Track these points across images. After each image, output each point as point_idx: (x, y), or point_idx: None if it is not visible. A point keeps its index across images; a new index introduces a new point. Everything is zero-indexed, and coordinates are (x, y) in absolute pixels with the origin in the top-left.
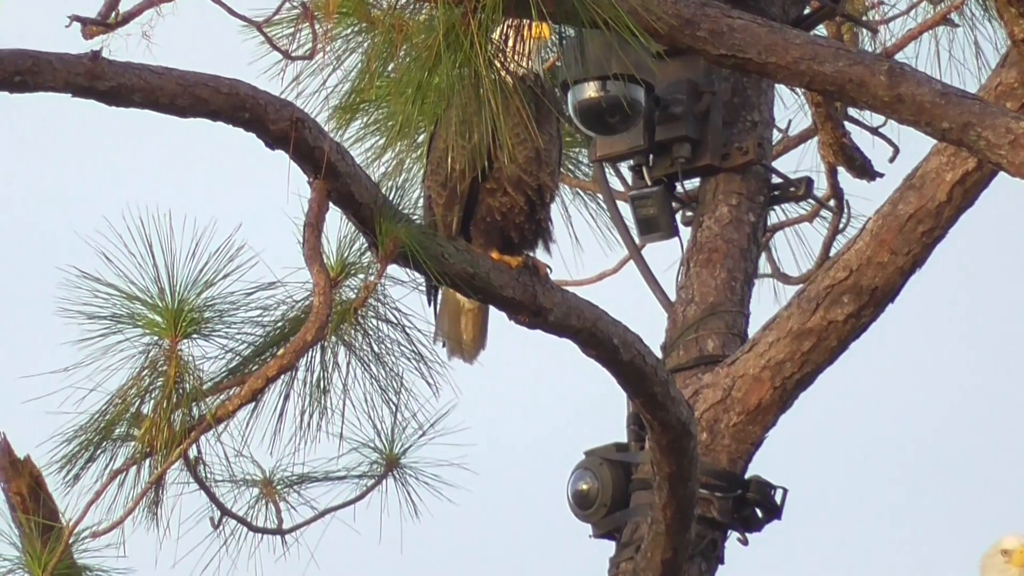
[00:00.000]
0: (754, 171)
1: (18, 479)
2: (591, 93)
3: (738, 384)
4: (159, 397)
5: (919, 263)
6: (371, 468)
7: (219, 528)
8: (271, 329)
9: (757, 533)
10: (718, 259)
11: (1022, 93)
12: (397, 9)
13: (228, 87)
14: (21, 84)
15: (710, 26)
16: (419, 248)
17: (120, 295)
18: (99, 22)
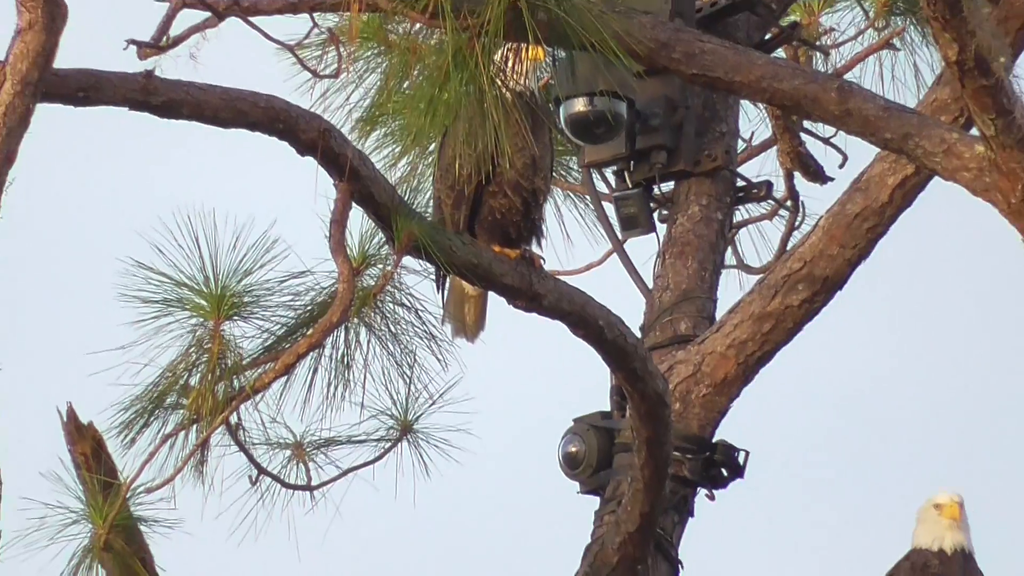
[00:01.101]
0: (722, 175)
1: (82, 442)
2: (580, 107)
3: (707, 360)
4: (204, 371)
5: (864, 255)
6: (388, 433)
7: (256, 485)
8: (301, 312)
9: (723, 490)
10: (690, 252)
11: (955, 108)
12: (411, 34)
13: (265, 102)
14: (85, 99)
15: (684, 49)
16: (430, 242)
17: (171, 282)
18: (152, 45)
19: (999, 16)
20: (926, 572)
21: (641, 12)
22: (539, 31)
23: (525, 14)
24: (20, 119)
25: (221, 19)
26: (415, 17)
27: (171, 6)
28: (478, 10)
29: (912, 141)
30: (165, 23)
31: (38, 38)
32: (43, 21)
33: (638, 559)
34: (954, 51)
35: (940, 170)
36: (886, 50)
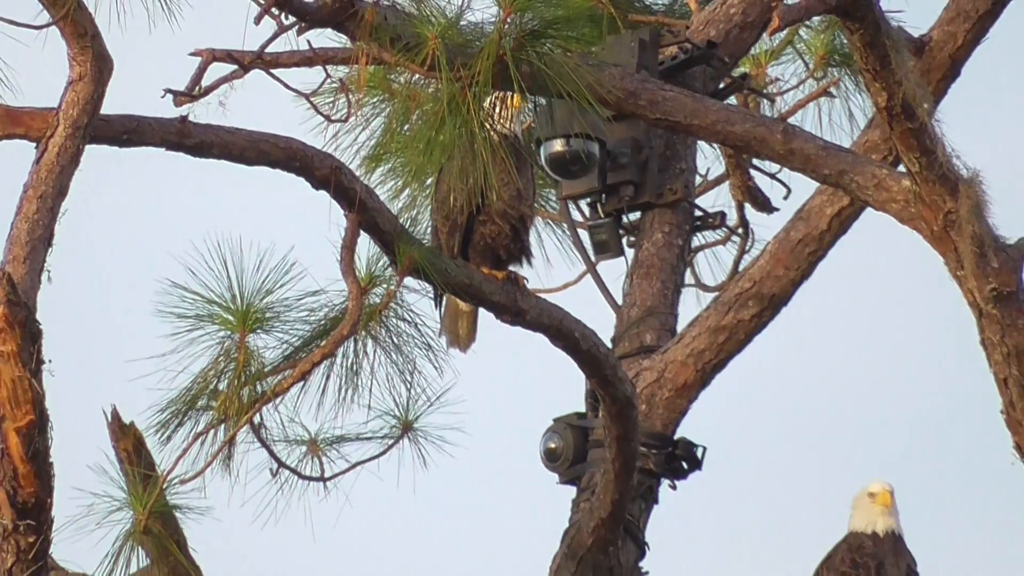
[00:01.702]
0: (681, 206)
1: (125, 439)
2: (558, 147)
3: (669, 368)
4: (231, 377)
5: (806, 276)
6: (391, 431)
7: (276, 476)
8: (316, 326)
9: (683, 481)
10: (654, 273)
11: (884, 148)
12: (412, 84)
13: (284, 142)
14: (128, 140)
15: (648, 97)
16: (428, 265)
17: (202, 300)
18: (186, 94)
19: (922, 68)
20: (861, 553)
21: (611, 65)
22: (523, 81)
23: (511, 67)
24: (71, 158)
25: (246, 71)
26: (415, 69)
27: (203, 60)
28: (469, 63)
29: (847, 176)
30: (197, 75)
31: (87, 88)
32: (92, 73)
33: (610, 542)
34: (883, 98)
35: (872, 202)
36: (824, 97)
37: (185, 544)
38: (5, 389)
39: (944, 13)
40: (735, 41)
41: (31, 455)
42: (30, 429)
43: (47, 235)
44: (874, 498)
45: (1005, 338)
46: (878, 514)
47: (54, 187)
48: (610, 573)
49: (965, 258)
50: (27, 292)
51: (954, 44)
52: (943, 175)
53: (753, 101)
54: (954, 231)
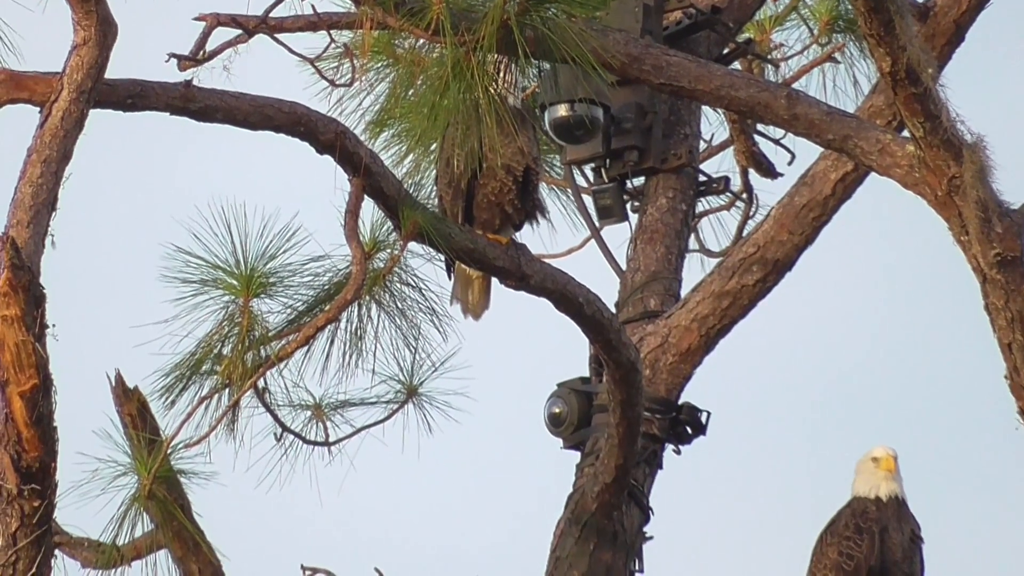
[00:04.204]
0: (686, 172)
1: (129, 404)
2: (562, 112)
3: (673, 333)
4: (235, 342)
5: (810, 241)
6: (396, 396)
7: (281, 441)
8: (320, 291)
9: (687, 446)
10: (658, 238)
11: (888, 113)
12: (416, 49)
13: (288, 107)
14: (132, 105)
15: (653, 62)
16: (432, 229)
17: (206, 265)
18: (190, 58)
19: (927, 33)
20: (865, 518)
21: (615, 30)
22: (527, 46)
23: (515, 32)
24: (76, 122)
25: (251, 36)
26: (419, 34)
27: (207, 24)
28: (474, 28)
29: (851, 142)
30: (202, 39)
31: (92, 52)
32: (96, 37)
33: (614, 506)
34: (888, 64)
35: (876, 167)
36: (828, 63)
37: (189, 509)
38: (9, 353)
39: None
40: (739, 6)
41: (35, 419)
42: (34, 393)
43: (51, 200)
44: (878, 463)
45: (1009, 303)
46: (882, 479)
47: (58, 152)
48: (614, 538)
49: (969, 223)
50: (31, 256)
51: (958, 9)
52: (947, 140)
53: (757, 66)
54: (958, 196)
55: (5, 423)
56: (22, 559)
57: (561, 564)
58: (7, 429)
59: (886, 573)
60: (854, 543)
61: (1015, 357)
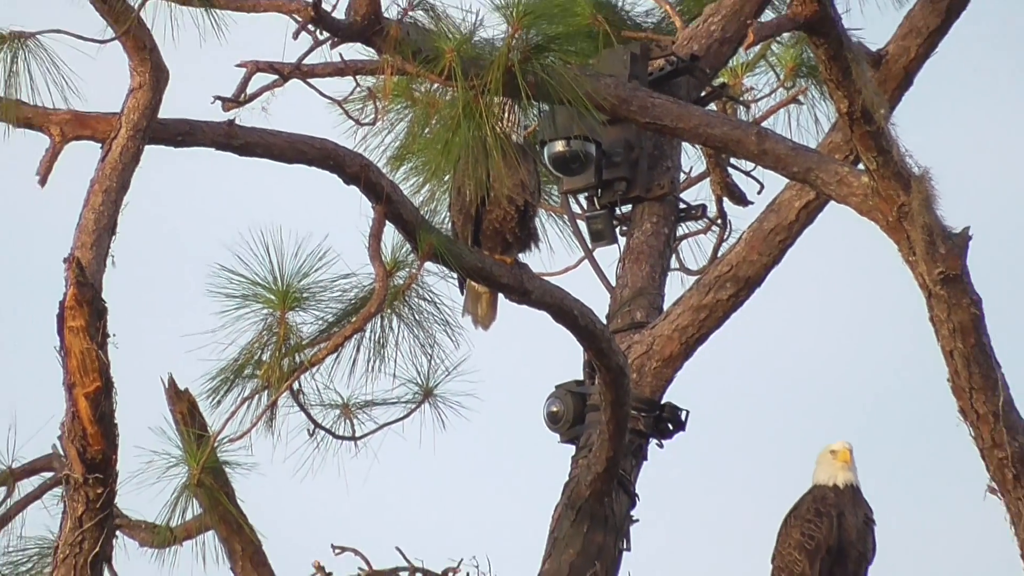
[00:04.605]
0: (668, 200)
1: (180, 403)
2: (559, 148)
3: (657, 341)
4: (273, 349)
5: (777, 261)
6: (414, 397)
7: (313, 436)
8: (347, 305)
9: (669, 440)
10: (644, 258)
11: (846, 148)
12: (431, 92)
13: (319, 143)
14: (182, 141)
15: (639, 103)
16: (446, 251)
17: (247, 281)
18: (233, 100)
19: (879, 78)
20: (824, 503)
21: (606, 75)
22: (528, 89)
23: (518, 77)
24: (132, 157)
25: (286, 81)
26: (434, 79)
27: (248, 71)
28: (482, 73)
29: (813, 174)
30: (243, 83)
31: (146, 95)
32: (150, 82)
33: (605, 493)
34: (845, 105)
35: (835, 196)
36: (793, 104)
37: (233, 495)
38: (75, 359)
39: (899, 29)
40: (715, 55)
41: (98, 417)
42: (97, 395)
43: (111, 224)
44: (835, 455)
45: (951, 316)
46: (839, 469)
47: (117, 182)
48: (605, 521)
49: (916, 245)
50: (94, 274)
51: (907, 57)
52: (897, 172)
53: (731, 107)
54: (907, 222)
55: (72, 420)
56: (87, 539)
57: (559, 544)
58: (74, 426)
59: (843, 552)
60: (815, 525)
61: (956, 363)
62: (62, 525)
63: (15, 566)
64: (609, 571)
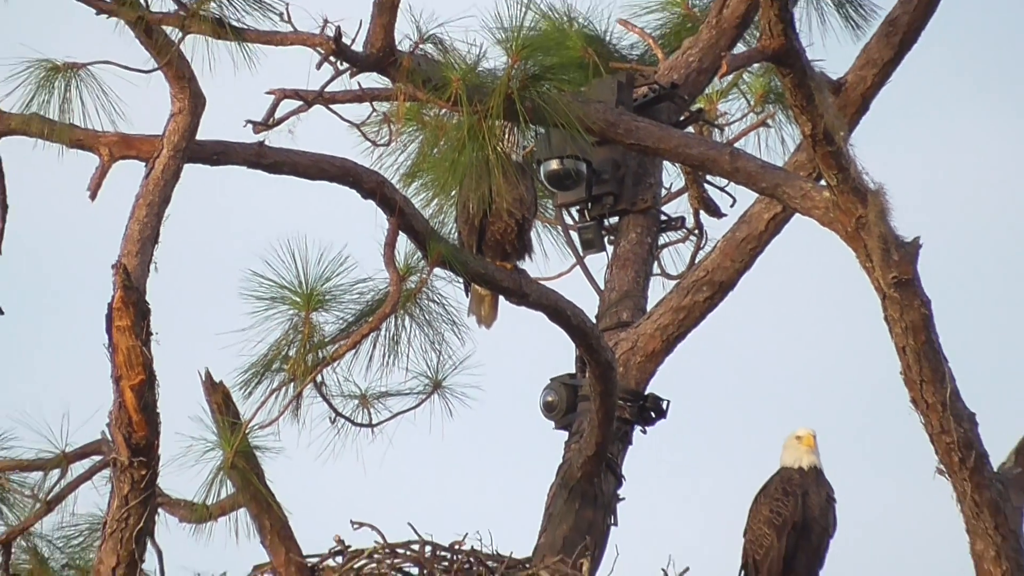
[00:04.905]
0: (651, 212)
1: (216, 394)
2: (554, 166)
3: (641, 339)
4: (299, 346)
5: (748, 267)
6: (424, 388)
7: (334, 424)
8: (365, 306)
9: (651, 427)
10: (629, 265)
11: (809, 167)
12: (439, 116)
13: (339, 162)
14: (217, 160)
15: (625, 127)
16: (453, 258)
17: (275, 285)
18: (262, 124)
19: (839, 104)
20: (791, 483)
21: (596, 101)
22: (526, 114)
23: (517, 103)
24: (173, 174)
25: (310, 106)
26: (442, 104)
27: (276, 97)
28: (484, 100)
29: (780, 189)
30: (271, 109)
31: (185, 119)
32: (189, 107)
33: (594, 474)
34: (809, 128)
35: (800, 209)
36: (762, 127)
37: (263, 477)
38: (122, 355)
39: (857, 60)
40: (693, 83)
41: (142, 407)
42: (141, 386)
43: (154, 235)
44: (800, 440)
45: (903, 315)
46: (804, 453)
47: (159, 197)
48: (594, 500)
49: (873, 253)
50: (139, 279)
51: (864, 85)
52: (855, 188)
53: (707, 130)
54: (864, 232)
55: (119, 409)
56: (132, 515)
57: (553, 520)
58: (120, 414)
59: (807, 527)
60: (782, 503)
61: (908, 358)
62: (110, 503)
63: (68, 539)
64: (598, 544)
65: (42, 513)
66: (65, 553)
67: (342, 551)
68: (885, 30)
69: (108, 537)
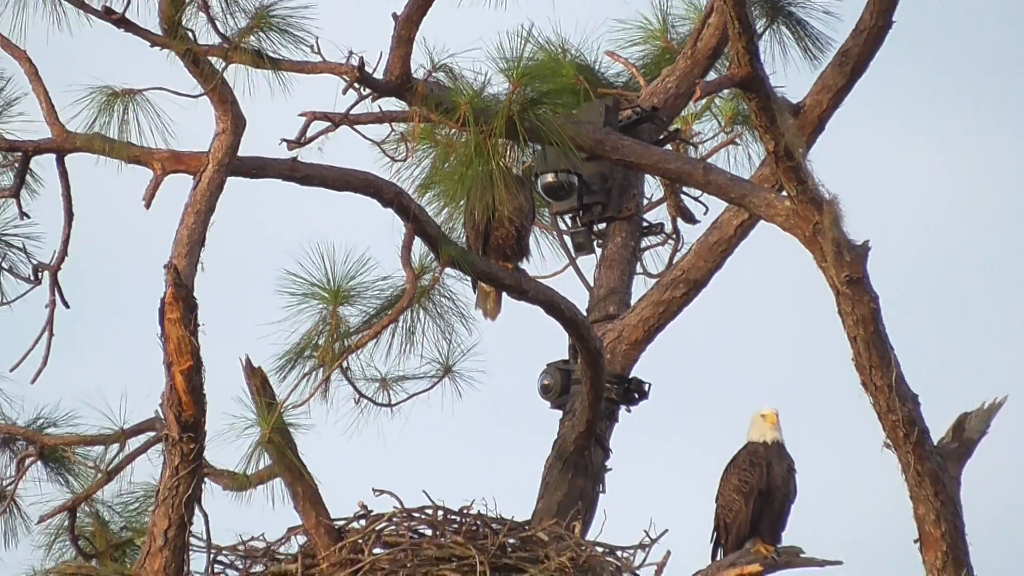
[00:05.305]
0: (634, 219)
1: (255, 378)
2: (550, 179)
3: (626, 330)
4: (327, 336)
5: (719, 267)
6: (437, 372)
7: (358, 403)
8: (384, 301)
9: (635, 406)
10: (616, 265)
11: (772, 179)
12: (450, 135)
13: (363, 175)
14: (255, 174)
15: (612, 144)
16: (461, 259)
17: (306, 282)
18: (295, 142)
19: (799, 124)
20: (756, 456)
21: (586, 122)
22: (525, 134)
23: (517, 124)
24: (218, 186)
25: (337, 127)
26: (452, 125)
27: (307, 119)
28: (489, 121)
29: (747, 199)
30: (303, 128)
31: (228, 138)
32: (231, 128)
33: (585, 447)
34: (772, 145)
35: (764, 216)
36: (731, 145)
37: (296, 450)
38: (173, 344)
39: (813, 87)
40: (671, 106)
41: (191, 389)
42: (190, 371)
43: (201, 239)
44: (765, 418)
45: (855, 309)
46: (768, 429)
47: (206, 206)
48: (585, 470)
49: (827, 255)
50: (187, 278)
51: (820, 108)
52: (813, 198)
53: (683, 147)
54: (820, 236)
55: (170, 391)
56: (182, 484)
57: (549, 488)
58: (171, 395)
59: (771, 494)
60: (749, 473)
61: (859, 346)
62: (162, 473)
63: (126, 505)
64: (588, 509)
65: (103, 482)
66: (123, 517)
67: (365, 515)
68: (839, 60)
69: (161, 503)
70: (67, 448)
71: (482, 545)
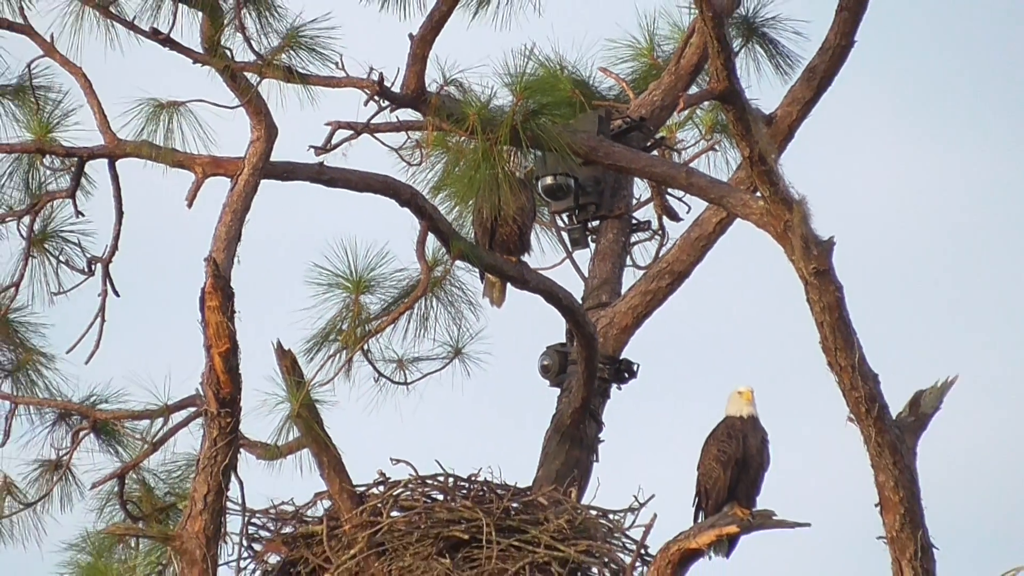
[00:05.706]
0: (624, 217)
1: (285, 359)
2: (549, 181)
3: (616, 316)
4: (350, 321)
5: (700, 260)
6: (448, 354)
7: (378, 382)
8: (401, 291)
9: (625, 384)
10: (608, 257)
11: (748, 182)
12: (460, 143)
13: (382, 178)
14: (286, 177)
15: (604, 151)
16: (470, 253)
17: (331, 274)
18: (321, 148)
19: (771, 133)
20: (733, 429)
21: (582, 131)
22: (527, 141)
23: (520, 132)
24: (252, 188)
25: (359, 135)
26: (461, 133)
27: (332, 127)
28: (495, 129)
29: (726, 199)
30: (329, 136)
31: (262, 145)
32: (265, 136)
33: (581, 422)
34: (747, 151)
35: (740, 214)
36: (711, 151)
37: (322, 424)
38: (212, 328)
39: (784, 99)
40: (657, 117)
41: (228, 369)
42: (227, 353)
43: (237, 235)
44: (741, 395)
45: (821, 297)
46: (744, 405)
47: (242, 205)
48: (581, 442)
49: (797, 249)
50: (225, 270)
51: (791, 118)
52: (784, 198)
53: (668, 153)
54: (790, 232)
55: (209, 371)
56: (220, 454)
57: (548, 457)
58: (210, 375)
59: (747, 463)
60: (727, 444)
61: (825, 330)
62: (202, 444)
63: (169, 473)
64: (583, 477)
65: (149, 452)
66: (167, 484)
67: (383, 482)
68: (807, 75)
69: (201, 471)
70: (117, 422)
71: (488, 508)
